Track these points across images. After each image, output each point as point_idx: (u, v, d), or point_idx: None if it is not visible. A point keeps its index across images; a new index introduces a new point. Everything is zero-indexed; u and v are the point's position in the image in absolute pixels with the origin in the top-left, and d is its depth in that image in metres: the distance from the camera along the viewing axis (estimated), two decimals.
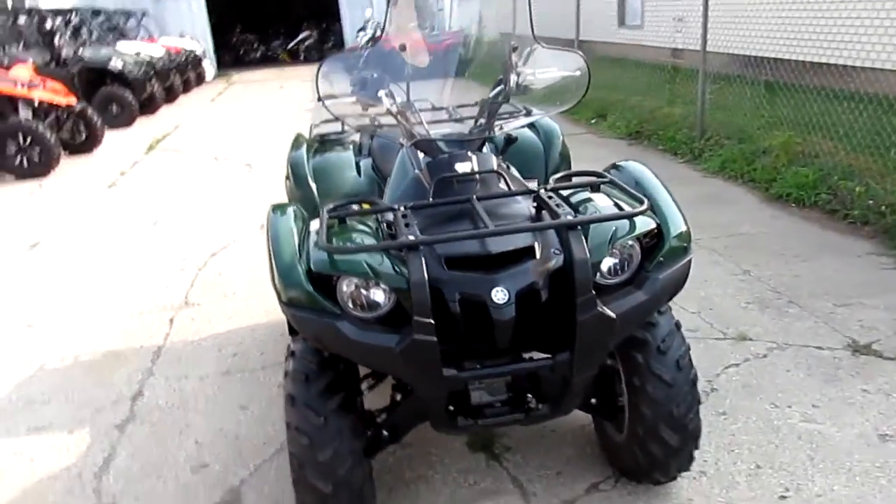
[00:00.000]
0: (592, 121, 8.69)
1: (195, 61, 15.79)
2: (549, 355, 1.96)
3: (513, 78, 2.39)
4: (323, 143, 3.36)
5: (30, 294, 4.62)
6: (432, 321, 1.81)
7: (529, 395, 2.08)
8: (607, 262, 2.01)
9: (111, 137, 10.02)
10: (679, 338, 2.20)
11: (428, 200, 2.16)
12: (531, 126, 3.41)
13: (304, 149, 3.21)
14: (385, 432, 2.28)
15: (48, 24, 10.91)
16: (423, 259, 1.83)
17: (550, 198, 2.06)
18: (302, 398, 2.05)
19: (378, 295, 1.91)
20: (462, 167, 2.21)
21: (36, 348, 3.83)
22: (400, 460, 2.64)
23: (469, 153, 2.26)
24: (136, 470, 2.73)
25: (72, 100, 8.71)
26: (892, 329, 3.37)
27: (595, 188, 2.22)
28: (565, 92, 2.54)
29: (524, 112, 2.59)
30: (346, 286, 1.91)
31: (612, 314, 1.89)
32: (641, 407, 2.17)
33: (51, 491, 2.65)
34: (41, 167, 7.97)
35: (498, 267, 1.93)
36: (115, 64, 11.20)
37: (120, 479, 2.69)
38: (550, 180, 2.32)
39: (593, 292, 1.86)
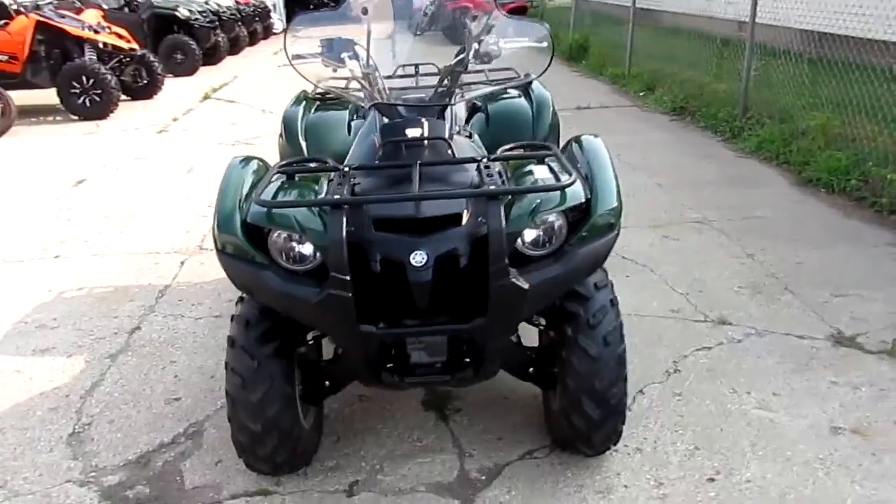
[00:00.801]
0: (641, 93, 8.48)
1: (263, 14, 16.07)
2: (465, 320, 2.02)
3: (473, 46, 2.41)
4: (323, 102, 3.45)
5: (63, 228, 4.93)
6: (347, 277, 1.90)
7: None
8: (531, 234, 2.04)
9: (172, 84, 10.40)
10: (612, 314, 2.22)
11: (374, 163, 2.24)
12: (525, 94, 3.42)
13: (301, 106, 3.31)
14: (327, 382, 2.41)
15: None
16: (344, 218, 1.91)
17: (488, 168, 2.10)
18: (240, 341, 2.19)
19: (306, 249, 2.01)
20: (412, 132, 2.26)
21: (58, 278, 4.11)
22: (355, 412, 2.76)
23: (422, 119, 2.30)
24: (117, 396, 2.95)
25: (134, 46, 9.07)
26: (883, 323, 3.27)
27: (540, 161, 2.24)
28: (532, 62, 2.54)
29: (487, 81, 2.60)
30: (276, 238, 2.01)
31: (525, 284, 1.94)
32: (566, 378, 2.22)
33: (39, 408, 2.89)
34: (101, 109, 8.37)
35: (424, 232, 2.00)
36: (182, 12, 11.55)
37: (100, 403, 2.91)
38: (498, 151, 2.34)
39: (506, 262, 1.91)
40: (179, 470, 2.51)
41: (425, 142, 2.25)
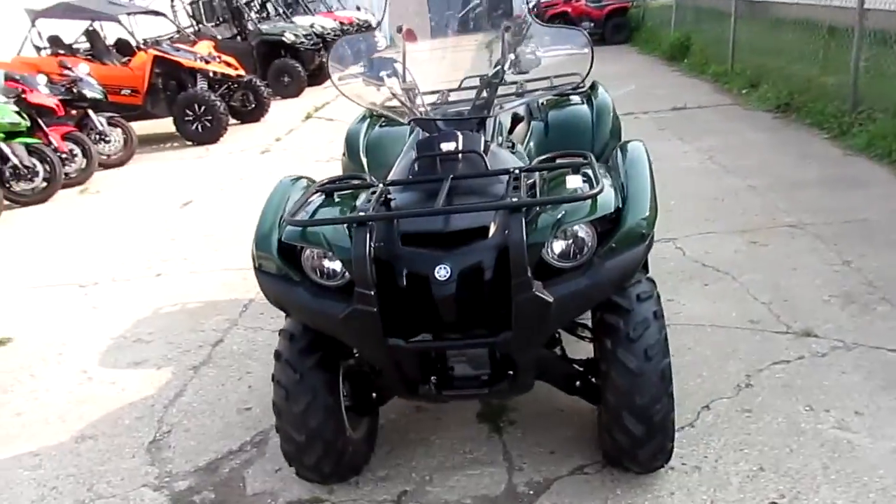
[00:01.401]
0: (744, 91, 8.06)
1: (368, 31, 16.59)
2: (494, 334, 2.01)
3: (509, 58, 2.40)
4: (386, 119, 3.53)
5: (167, 248, 5.31)
6: (372, 293, 1.94)
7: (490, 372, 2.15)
8: (560, 246, 2.00)
9: (279, 106, 10.94)
10: (655, 327, 2.12)
11: (408, 178, 2.28)
12: (587, 101, 3.36)
13: (364, 123, 3.41)
14: (374, 394, 2.46)
15: (236, 1, 12.10)
16: (368, 234, 1.95)
17: (518, 180, 2.08)
18: (285, 354, 2.28)
19: (336, 265, 2.07)
20: (447, 146, 2.28)
21: (158, 294, 4.43)
22: (410, 422, 2.80)
23: (457, 132, 2.31)
24: (195, 406, 3.14)
25: (241, 72, 9.64)
26: None
27: (575, 170, 2.19)
28: (572, 69, 2.50)
29: (524, 91, 2.58)
30: (307, 256, 2.09)
31: (549, 298, 1.90)
32: (607, 393, 2.15)
33: (127, 416, 3.13)
34: (211, 133, 8.95)
35: (450, 246, 2.01)
36: (288, 37, 12.13)
37: (180, 412, 3.11)
38: (533, 162, 2.31)
39: (528, 275, 1.88)
40: (243, 476, 2.64)
41: (459, 155, 2.26)
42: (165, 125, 9.31)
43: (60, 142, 7.48)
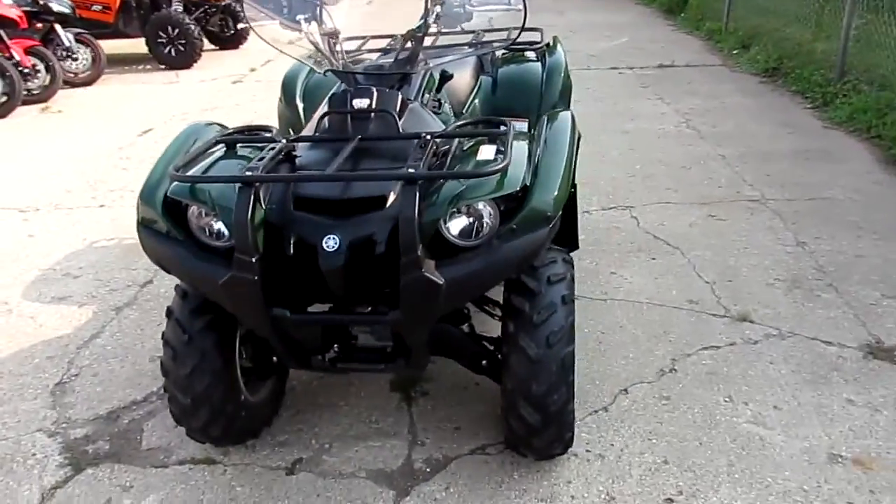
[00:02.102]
0: (734, 51, 7.78)
1: None
2: (384, 311, 1.89)
3: (435, 10, 2.20)
4: None
5: (117, 177, 5.12)
6: (253, 259, 1.80)
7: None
8: (459, 223, 1.86)
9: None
10: (562, 313, 2.00)
11: (314, 134, 2.11)
12: (542, 57, 3.18)
13: (304, 68, 3.20)
14: (275, 359, 2.35)
15: None
16: (252, 196, 1.80)
17: (424, 147, 1.92)
18: (176, 313, 2.15)
19: (222, 225, 1.92)
20: (359, 103, 2.11)
21: (97, 227, 4.28)
22: (321, 386, 2.70)
23: (373, 88, 2.15)
24: (108, 350, 3.03)
25: None
26: None
27: (492, 139, 2.03)
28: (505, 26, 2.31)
29: (455, 46, 2.39)
30: (192, 213, 1.94)
31: (439, 280, 1.77)
32: (505, 378, 2.05)
33: (39, 355, 3.02)
34: (184, 58, 8.61)
35: (344, 214, 1.87)
36: None
37: (93, 356, 3.00)
38: (451, 127, 2.14)
39: (418, 253, 1.75)
40: (141, 429, 2.55)
41: (372, 114, 2.10)
42: (139, 46, 8.95)
43: (23, 55, 7.17)
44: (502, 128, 2.03)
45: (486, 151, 1.97)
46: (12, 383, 2.84)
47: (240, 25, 9.61)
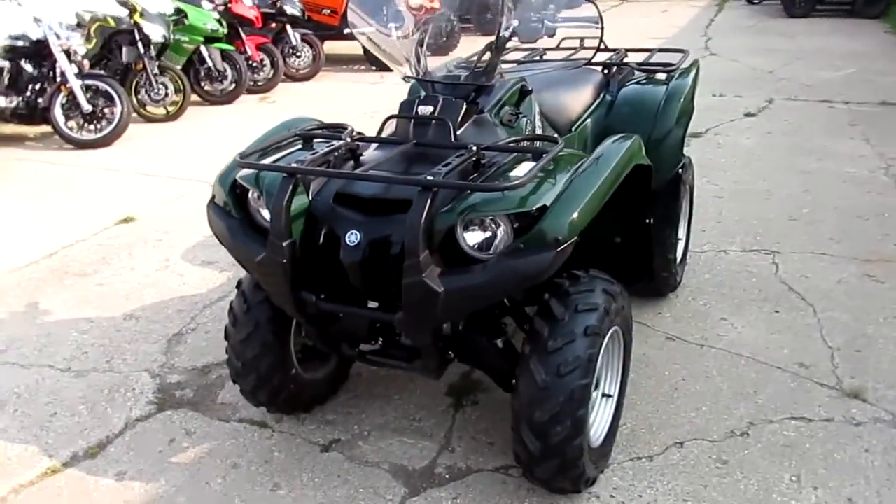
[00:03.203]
0: None
1: None
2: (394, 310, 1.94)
3: (511, 24, 2.21)
4: None
5: None
6: (283, 244, 1.96)
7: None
8: (478, 236, 1.87)
9: (470, 42, 10.97)
10: (581, 345, 1.92)
11: (377, 135, 2.24)
12: (670, 80, 3.05)
13: None
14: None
15: None
16: (291, 186, 1.95)
17: (466, 157, 1.95)
18: (243, 285, 2.40)
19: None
20: (423, 109, 2.20)
21: None
22: (384, 378, 2.81)
23: (439, 97, 2.21)
24: (225, 312, 3.41)
25: (435, 4, 9.74)
26: None
27: (535, 157, 1.99)
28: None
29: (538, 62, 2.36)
30: (252, 196, 2.14)
31: (438, 287, 1.79)
32: (514, 399, 2.00)
33: (172, 307, 3.47)
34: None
35: (373, 213, 1.96)
36: None
37: (212, 315, 3.38)
38: (503, 141, 2.13)
39: (419, 259, 1.78)
40: (223, 385, 2.85)
41: (433, 121, 2.17)
42: (356, 48, 9.76)
43: (254, 51, 8.19)
44: (549, 144, 2.00)
45: (522, 168, 1.95)
46: (144, 328, 3.30)
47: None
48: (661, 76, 3.13)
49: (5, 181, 5.50)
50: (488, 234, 1.87)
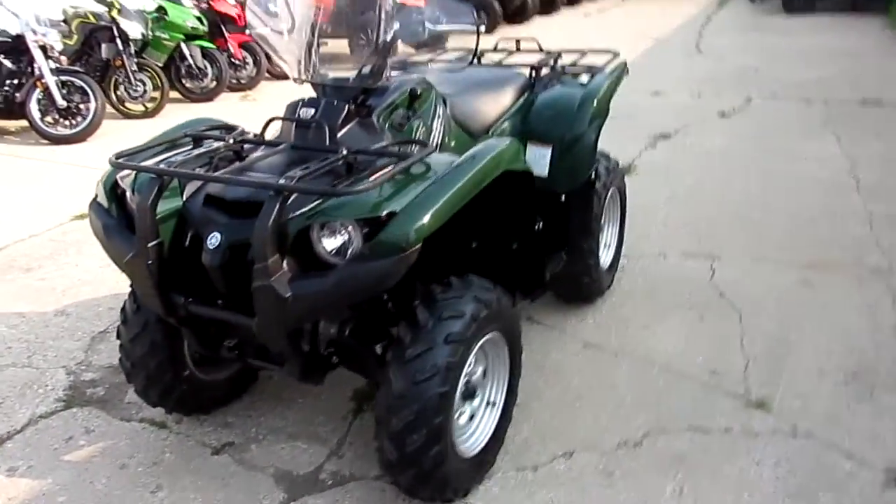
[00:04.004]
0: None
1: None
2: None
3: (393, 26, 2.19)
4: None
5: None
6: (149, 245, 1.95)
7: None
8: (335, 241, 1.85)
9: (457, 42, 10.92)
10: (441, 353, 1.90)
11: (257, 136, 2.24)
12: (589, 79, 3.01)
13: None
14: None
15: None
16: (157, 187, 1.94)
17: (331, 161, 1.94)
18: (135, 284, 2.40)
19: None
20: (305, 112, 2.20)
21: None
22: (293, 381, 2.80)
23: (322, 100, 2.21)
24: None
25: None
26: None
27: (401, 159, 1.97)
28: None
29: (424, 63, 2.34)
30: (129, 196, 2.14)
31: (286, 293, 1.78)
32: (375, 404, 1.99)
33: (104, 304, 3.48)
34: None
35: (237, 216, 1.95)
36: None
37: None
38: (376, 146, 2.10)
39: (267, 262, 1.77)
40: (130, 384, 2.85)
41: (312, 125, 2.16)
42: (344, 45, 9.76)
43: (237, 49, 8.21)
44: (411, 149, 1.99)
45: (383, 173, 1.92)
46: (71, 324, 3.32)
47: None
48: (584, 78, 3.08)
49: None
50: (344, 239, 1.85)
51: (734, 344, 2.96)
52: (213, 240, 1.91)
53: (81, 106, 6.36)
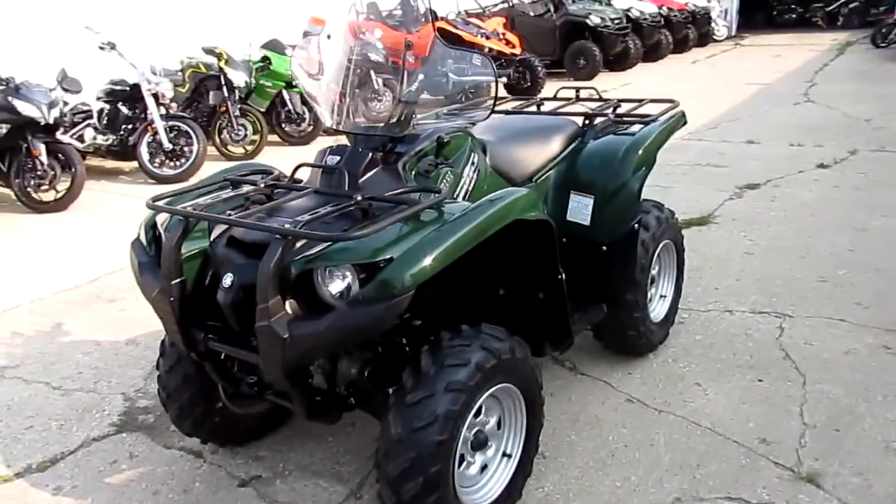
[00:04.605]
0: None
1: (701, 20, 15.43)
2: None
3: (418, 77, 2.24)
4: None
5: None
6: (172, 283, 2.06)
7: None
8: (339, 285, 1.88)
9: (553, 87, 10.92)
10: (443, 400, 1.89)
11: (287, 182, 2.33)
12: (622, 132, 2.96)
13: None
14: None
15: None
16: (180, 229, 2.06)
17: (345, 207, 1.99)
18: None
19: None
20: (331, 160, 2.28)
21: None
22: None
23: (347, 147, 2.28)
24: None
25: (516, 51, 9.88)
26: None
27: (410, 204, 1.99)
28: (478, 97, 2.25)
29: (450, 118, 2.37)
30: (162, 236, 2.27)
31: (283, 333, 1.82)
32: (378, 448, 1.98)
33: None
34: None
35: (249, 257, 2.03)
36: (592, 20, 11.96)
37: None
38: (389, 193, 2.12)
39: (268, 304, 1.82)
40: None
41: (337, 171, 2.23)
42: None
43: (336, 95, 8.60)
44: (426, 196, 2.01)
45: (389, 219, 1.94)
46: (139, 353, 3.53)
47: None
48: (636, 127, 3.01)
49: (84, 210, 6.09)
50: (347, 283, 1.88)
51: (793, 410, 2.74)
52: (227, 279, 1.99)
53: (186, 148, 6.86)
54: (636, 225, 2.81)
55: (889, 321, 3.36)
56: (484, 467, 2.18)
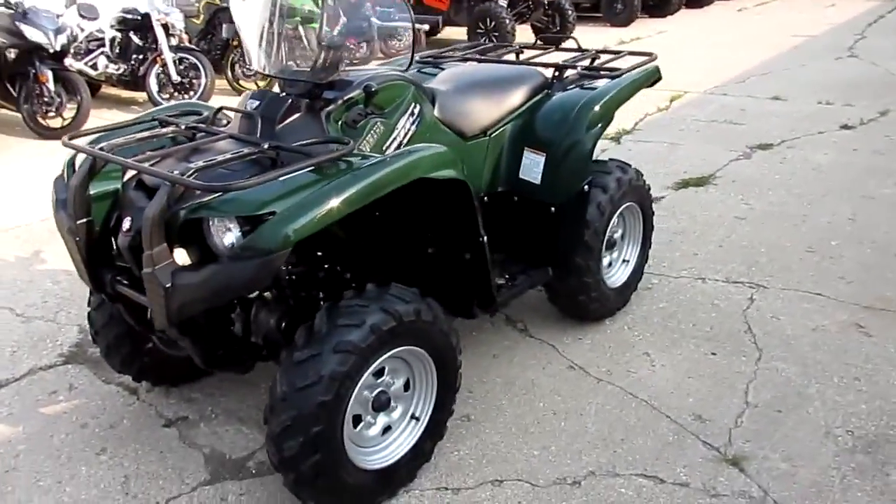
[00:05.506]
0: None
1: None
2: None
3: (333, 21, 2.11)
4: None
5: None
6: (77, 221, 2.03)
7: None
8: (231, 236, 1.82)
9: (587, 32, 10.46)
10: (330, 361, 1.83)
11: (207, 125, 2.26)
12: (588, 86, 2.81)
13: None
14: None
15: None
16: (87, 168, 2.02)
17: (259, 154, 1.92)
18: None
19: None
20: (251, 104, 2.20)
21: None
22: (270, 368, 2.84)
23: (269, 93, 2.21)
24: None
25: None
26: None
27: (310, 155, 1.90)
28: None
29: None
30: None
31: (166, 281, 1.77)
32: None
33: None
34: None
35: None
36: None
37: None
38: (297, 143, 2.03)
39: (152, 251, 1.77)
40: None
41: (255, 116, 2.15)
42: (461, 33, 9.77)
43: None
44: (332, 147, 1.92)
45: (295, 170, 1.86)
46: None
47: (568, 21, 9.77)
48: (601, 81, 2.84)
49: None
50: (237, 234, 1.82)
51: (738, 387, 2.62)
52: (127, 223, 1.95)
53: (195, 81, 6.81)
54: (586, 186, 2.66)
55: (870, 298, 3.18)
56: (388, 429, 2.14)
